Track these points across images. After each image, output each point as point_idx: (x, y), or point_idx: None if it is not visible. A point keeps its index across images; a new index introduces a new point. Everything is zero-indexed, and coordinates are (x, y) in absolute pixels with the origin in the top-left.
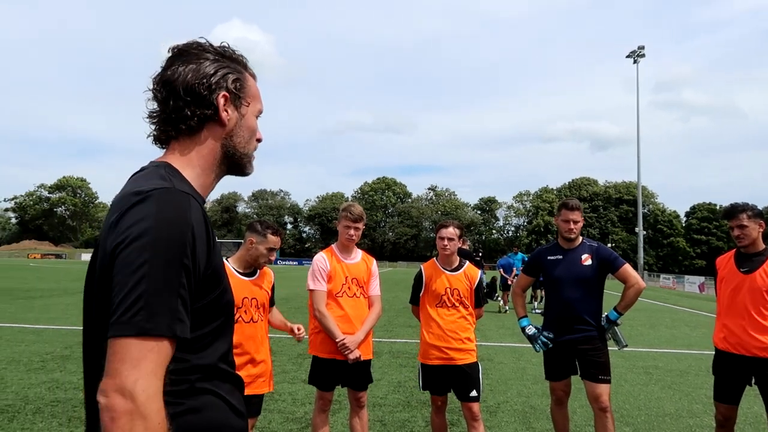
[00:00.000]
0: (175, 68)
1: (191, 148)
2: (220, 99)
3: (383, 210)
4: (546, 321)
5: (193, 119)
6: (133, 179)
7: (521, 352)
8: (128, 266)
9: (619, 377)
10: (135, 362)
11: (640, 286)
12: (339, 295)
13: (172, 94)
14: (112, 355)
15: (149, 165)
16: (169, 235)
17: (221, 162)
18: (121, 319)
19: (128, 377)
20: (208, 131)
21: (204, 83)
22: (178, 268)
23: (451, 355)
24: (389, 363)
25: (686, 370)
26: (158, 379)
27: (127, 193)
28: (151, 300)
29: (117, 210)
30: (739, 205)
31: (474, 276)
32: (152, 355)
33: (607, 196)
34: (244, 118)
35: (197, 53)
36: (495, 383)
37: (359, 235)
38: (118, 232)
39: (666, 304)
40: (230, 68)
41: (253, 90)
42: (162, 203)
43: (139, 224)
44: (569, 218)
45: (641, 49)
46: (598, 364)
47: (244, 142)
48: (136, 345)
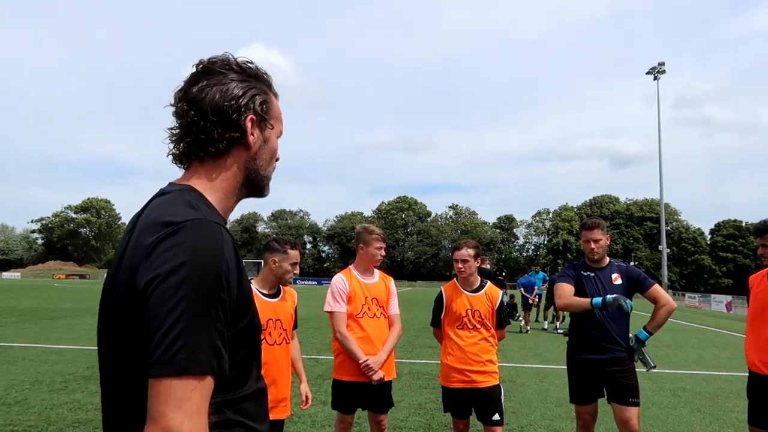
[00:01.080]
0: (201, 86)
1: (215, 170)
2: (248, 122)
3: (403, 229)
4: (572, 340)
5: (222, 142)
6: (158, 204)
7: (544, 374)
8: (165, 303)
9: (646, 400)
10: (179, 402)
11: (672, 306)
12: (359, 315)
13: (200, 115)
14: (156, 397)
15: (171, 188)
16: (205, 270)
17: (243, 185)
18: (163, 359)
19: (174, 419)
20: (234, 154)
21: (233, 105)
22: (215, 303)
23: (473, 377)
24: (409, 384)
25: (716, 392)
26: (203, 416)
27: (155, 222)
28: (190, 338)
29: (145, 238)
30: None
31: (495, 296)
32: (196, 393)
33: (629, 214)
34: (268, 140)
35: (224, 72)
36: (518, 406)
37: (384, 255)
38: (150, 266)
39: (692, 324)
40: (257, 89)
41: (277, 111)
42: (196, 236)
43: (173, 258)
44: (589, 238)
45: (661, 66)
46: (627, 386)
47: (266, 164)
48: (179, 385)
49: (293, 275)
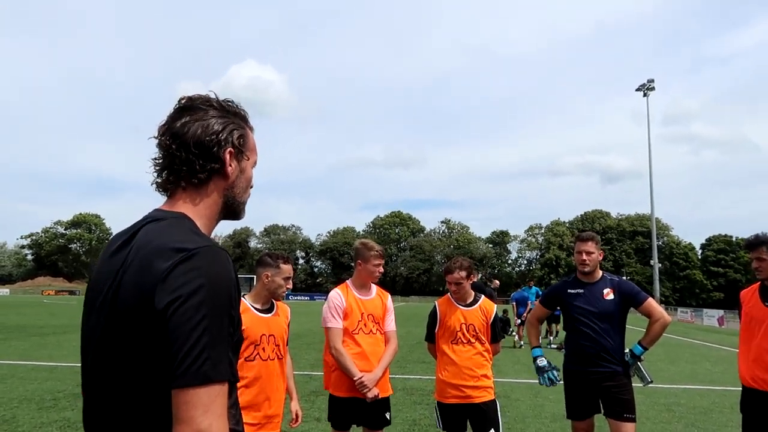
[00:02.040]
0: (184, 122)
1: (198, 198)
2: (226, 154)
3: (396, 244)
4: (568, 356)
5: (204, 173)
6: (158, 230)
7: (538, 389)
8: (188, 322)
9: (640, 415)
10: (206, 407)
11: (666, 320)
12: (355, 332)
13: (183, 148)
14: (185, 404)
15: (164, 214)
16: (219, 291)
17: (222, 210)
18: (190, 370)
19: (203, 422)
20: (214, 183)
21: (214, 139)
22: (228, 320)
23: (468, 393)
24: (403, 400)
25: (710, 407)
26: (225, 418)
27: (165, 248)
28: (213, 352)
29: (158, 262)
30: (760, 237)
31: (490, 310)
32: (219, 399)
33: (621, 229)
34: (244, 170)
35: (205, 108)
36: (512, 421)
37: (381, 271)
38: (170, 289)
39: (685, 338)
40: (235, 124)
41: (252, 143)
42: (210, 261)
43: (192, 282)
44: (582, 249)
45: (651, 82)
46: (623, 401)
47: (242, 192)
48: (206, 392)
49: (286, 290)
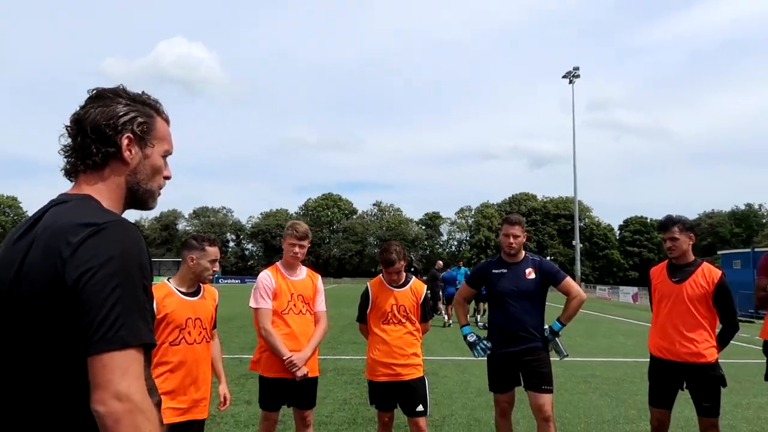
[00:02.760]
0: (87, 108)
1: (99, 182)
2: (123, 140)
3: (328, 226)
4: (490, 333)
5: (98, 155)
6: (64, 210)
7: (465, 366)
8: (101, 291)
9: (559, 386)
10: (124, 370)
11: (582, 298)
12: (285, 312)
13: (80, 132)
14: (102, 368)
15: (69, 197)
16: (131, 262)
17: (126, 195)
18: (107, 336)
19: (121, 383)
20: (112, 167)
21: (110, 124)
22: (141, 289)
23: (398, 371)
24: (334, 380)
25: (622, 377)
26: (143, 380)
27: (73, 224)
28: (128, 318)
29: (67, 238)
30: (673, 218)
31: (420, 291)
32: (136, 362)
33: (546, 211)
34: (148, 158)
35: (112, 97)
36: (440, 397)
37: (304, 253)
38: (80, 262)
39: (602, 314)
40: (140, 112)
41: (161, 132)
42: (120, 233)
43: (102, 254)
44: (509, 233)
45: (576, 70)
46: (541, 374)
47: (147, 179)
48: (123, 356)
49: (213, 273)
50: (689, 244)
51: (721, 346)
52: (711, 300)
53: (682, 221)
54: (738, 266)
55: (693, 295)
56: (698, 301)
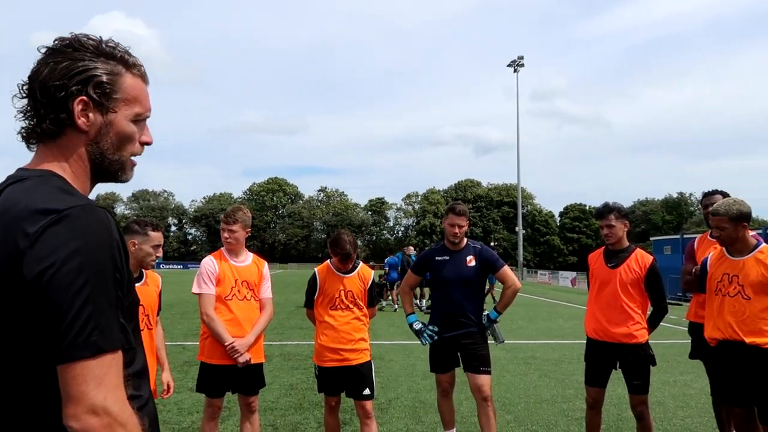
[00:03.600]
0: (41, 65)
1: (57, 152)
2: (76, 104)
3: (273, 211)
4: (432, 317)
5: (47, 122)
6: (21, 191)
7: (411, 350)
8: (67, 290)
9: (501, 368)
10: (99, 380)
11: (517, 287)
12: (228, 298)
13: (30, 93)
14: (73, 379)
15: (27, 173)
16: (100, 254)
17: (90, 168)
18: (77, 342)
19: (96, 396)
20: (69, 136)
21: (59, 85)
22: (113, 284)
23: (346, 356)
24: (280, 366)
25: (560, 358)
26: (122, 389)
27: (31, 210)
28: (100, 319)
29: (22, 227)
30: (609, 206)
31: (367, 276)
32: (113, 369)
33: (490, 198)
34: (112, 123)
35: (69, 51)
36: (386, 381)
37: (237, 238)
38: (40, 256)
39: (543, 298)
40: (100, 69)
41: (132, 92)
42: (84, 221)
43: (66, 245)
44: (455, 222)
45: (521, 59)
46: (479, 356)
47: (113, 148)
48: (97, 364)
49: (156, 258)
50: (624, 230)
51: (652, 328)
52: (643, 284)
53: (618, 209)
54: (668, 252)
55: (626, 280)
56: (631, 285)
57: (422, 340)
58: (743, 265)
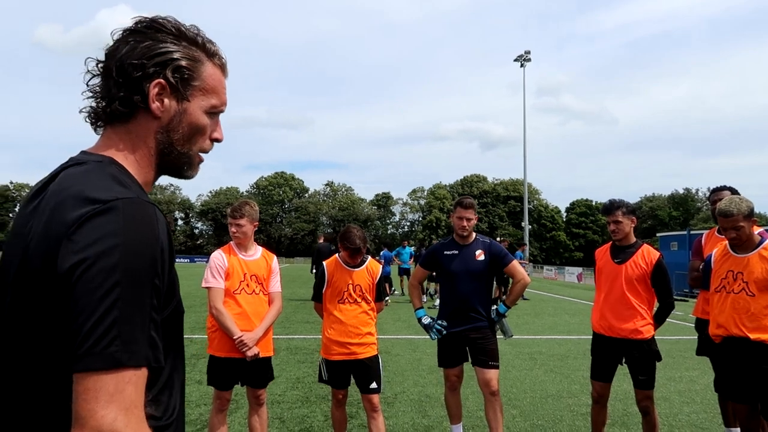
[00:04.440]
0: (120, 43)
1: (125, 137)
2: (152, 87)
3: (280, 205)
4: (441, 312)
5: (116, 102)
6: (75, 175)
7: (417, 344)
8: (96, 290)
9: (506, 363)
10: (110, 397)
11: (526, 282)
12: (237, 292)
13: (105, 71)
14: (83, 394)
15: (86, 157)
16: (140, 254)
17: (158, 158)
18: (93, 351)
19: (105, 416)
20: (140, 120)
21: (137, 64)
22: (150, 290)
23: (353, 349)
24: (287, 359)
25: (566, 354)
26: (139, 410)
27: (77, 197)
28: (125, 328)
29: (65, 214)
30: (616, 202)
31: (376, 271)
32: (130, 387)
33: (496, 194)
34: (186, 112)
35: (151, 32)
36: (392, 375)
37: (244, 232)
38: (76, 248)
39: (549, 294)
40: (181, 54)
41: (210, 82)
42: (129, 216)
43: (104, 240)
44: (463, 216)
45: (527, 54)
46: (487, 351)
47: (184, 140)
48: (112, 379)
49: None
50: (631, 226)
51: (658, 324)
52: (649, 280)
53: (625, 205)
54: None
55: (633, 276)
56: (637, 281)
57: (431, 335)
58: (748, 261)
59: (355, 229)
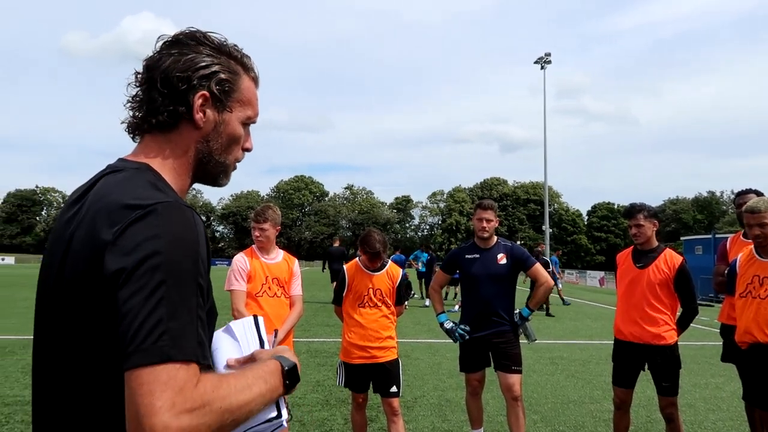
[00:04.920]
0: (162, 54)
1: (166, 146)
2: (197, 98)
3: (300, 208)
4: (463, 316)
5: (164, 114)
6: (114, 183)
7: (437, 348)
8: (142, 290)
9: (528, 368)
10: (164, 387)
11: (549, 285)
12: (259, 295)
13: (149, 82)
14: (138, 388)
15: (124, 164)
16: (182, 255)
17: (195, 166)
18: (142, 347)
19: (163, 406)
20: (181, 130)
21: (184, 77)
22: (194, 289)
23: (373, 353)
24: (307, 362)
25: (588, 359)
26: (192, 401)
27: (118, 204)
28: (172, 324)
29: (108, 220)
30: (637, 206)
31: (396, 275)
32: (181, 378)
33: (516, 196)
34: (225, 123)
35: (192, 44)
36: (412, 379)
37: (267, 236)
38: (121, 252)
39: (570, 298)
40: (222, 66)
41: (247, 94)
42: (170, 220)
43: (148, 244)
44: (482, 217)
45: (548, 56)
46: (510, 355)
47: (222, 149)
48: (163, 371)
49: None
50: (653, 230)
51: (681, 329)
52: (672, 285)
53: (647, 208)
54: (700, 252)
55: (655, 280)
56: (660, 286)
57: (454, 339)
58: None
59: (375, 234)
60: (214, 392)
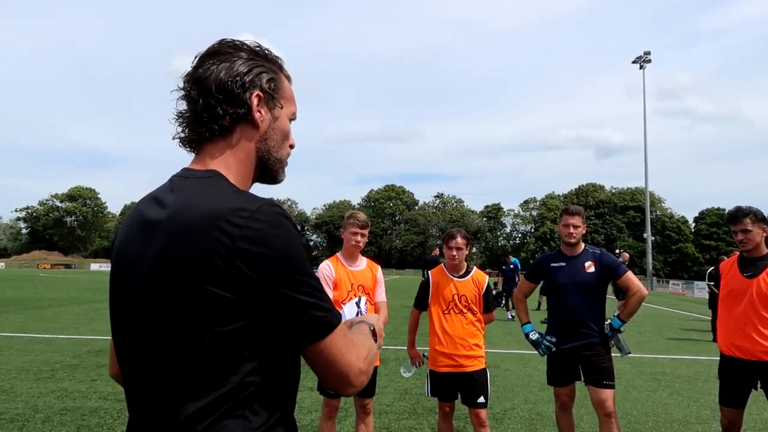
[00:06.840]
0: (207, 66)
1: (228, 151)
2: (253, 98)
3: (390, 218)
4: (549, 327)
5: (225, 118)
6: (198, 193)
7: (528, 359)
8: (290, 283)
9: (627, 384)
10: (347, 346)
11: (642, 294)
12: (344, 302)
13: (203, 92)
14: (329, 354)
15: (194, 174)
16: (297, 246)
17: (256, 167)
18: (320, 323)
19: (357, 360)
20: (241, 132)
21: (237, 81)
22: (311, 270)
23: (460, 362)
24: (395, 370)
25: (695, 376)
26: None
27: (220, 213)
28: (322, 302)
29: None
30: (743, 209)
31: (482, 281)
32: (347, 334)
33: (613, 204)
34: (277, 120)
35: (231, 52)
36: (501, 390)
37: (365, 242)
38: (253, 256)
39: (675, 310)
40: (265, 67)
41: (288, 92)
42: (276, 219)
43: (275, 243)
44: (569, 223)
45: (647, 55)
46: (601, 369)
47: (278, 146)
48: (338, 335)
49: None
50: (762, 236)
51: None
52: None
53: (754, 212)
54: None
55: (766, 290)
56: None
57: (540, 351)
58: None
59: (456, 229)
60: (365, 342)
